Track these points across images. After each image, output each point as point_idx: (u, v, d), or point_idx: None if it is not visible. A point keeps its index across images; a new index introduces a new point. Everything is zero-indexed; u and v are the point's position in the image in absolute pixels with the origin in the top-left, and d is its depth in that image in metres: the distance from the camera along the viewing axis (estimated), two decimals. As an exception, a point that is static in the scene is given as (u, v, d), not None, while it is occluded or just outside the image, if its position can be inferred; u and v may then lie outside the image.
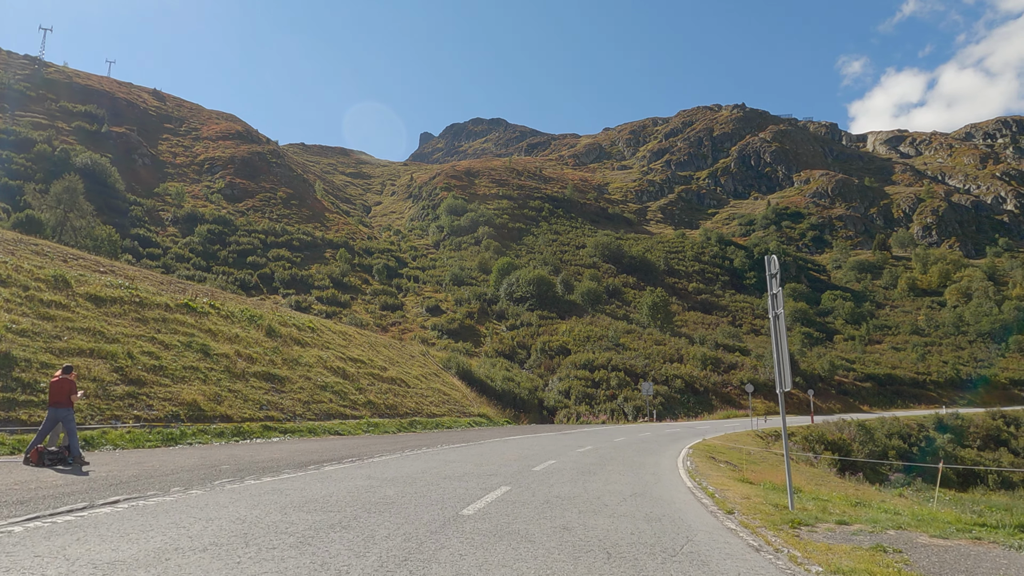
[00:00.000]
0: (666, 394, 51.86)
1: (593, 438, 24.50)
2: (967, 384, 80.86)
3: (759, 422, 38.67)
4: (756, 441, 29.76)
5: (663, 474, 12.96)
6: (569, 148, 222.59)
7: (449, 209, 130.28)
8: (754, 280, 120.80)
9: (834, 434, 35.63)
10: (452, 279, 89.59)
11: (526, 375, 55.19)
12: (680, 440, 26.34)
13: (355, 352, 30.40)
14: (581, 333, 66.79)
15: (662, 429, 33.85)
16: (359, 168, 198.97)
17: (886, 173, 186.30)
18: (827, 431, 35.69)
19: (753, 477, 13.58)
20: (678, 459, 17.60)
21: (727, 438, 29.27)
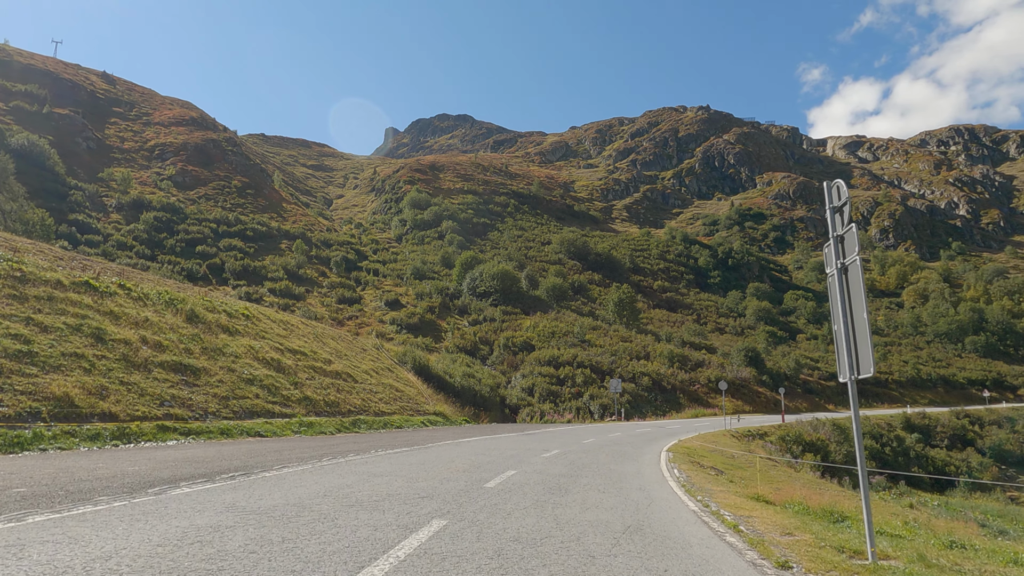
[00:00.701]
0: (633, 392, 49.39)
1: (560, 439, 21.64)
2: (927, 383, 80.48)
3: (732, 421, 36.35)
4: (734, 442, 27.28)
5: (651, 488, 10.14)
6: (535, 146, 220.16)
7: (412, 203, 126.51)
8: (718, 279, 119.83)
9: (811, 434, 33.42)
10: (413, 273, 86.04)
11: (488, 372, 52.18)
12: (654, 441, 23.64)
13: (296, 343, 26.99)
14: (546, 329, 64.05)
15: (632, 429, 31.21)
16: (321, 161, 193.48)
17: (845, 177, 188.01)
18: (803, 431, 33.48)
19: (772, 495, 10.77)
20: (660, 465, 14.81)
21: (702, 439, 26.70)
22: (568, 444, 19.50)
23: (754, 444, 30.82)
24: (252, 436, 16.19)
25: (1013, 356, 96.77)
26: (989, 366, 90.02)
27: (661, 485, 10.85)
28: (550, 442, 19.92)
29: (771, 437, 34.25)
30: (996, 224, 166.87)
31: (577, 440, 21.70)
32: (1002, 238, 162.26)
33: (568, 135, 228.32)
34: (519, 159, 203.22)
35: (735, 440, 28.37)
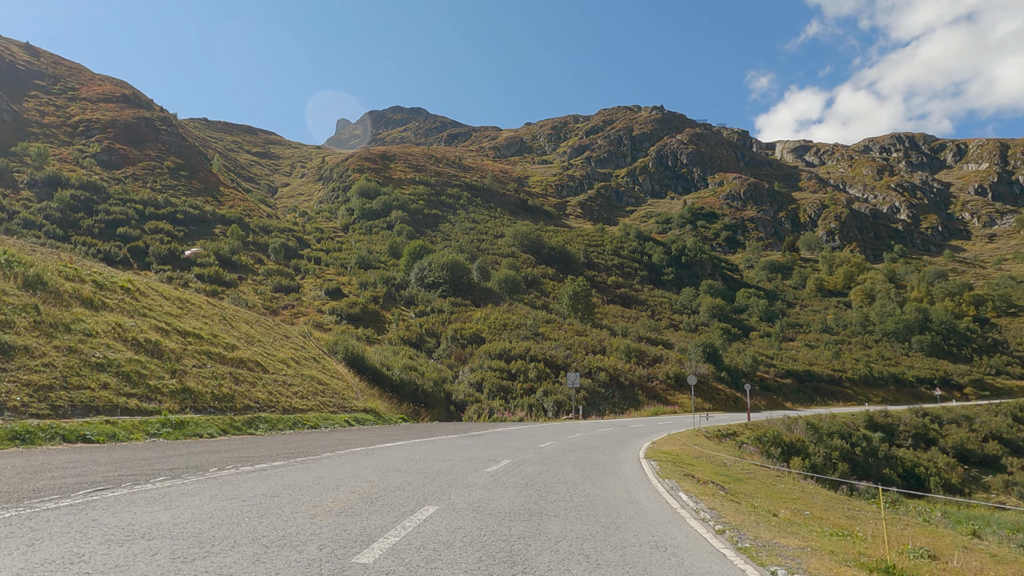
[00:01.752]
0: (590, 388, 45.38)
1: (511, 442, 17.24)
2: (879, 382, 79.20)
3: (700, 419, 32.60)
4: (713, 444, 23.42)
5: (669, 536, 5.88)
6: (490, 140, 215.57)
7: (361, 191, 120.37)
8: (672, 276, 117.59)
9: (788, 435, 29.91)
10: (358, 262, 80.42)
11: (433, 365, 47.44)
12: (624, 444, 19.47)
13: (191, 324, 21.84)
14: (497, 321, 59.62)
15: (592, 429, 27.10)
16: (267, 148, 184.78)
17: (793, 180, 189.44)
18: (779, 431, 29.92)
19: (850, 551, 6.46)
20: (652, 482, 10.55)
21: (677, 440, 22.70)
22: (521, 450, 15.09)
23: (727, 444, 27.06)
24: (73, 441, 11.21)
25: (957, 356, 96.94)
26: (936, 365, 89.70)
27: (679, 527, 6.53)
28: (499, 447, 15.47)
29: (741, 437, 30.64)
30: (935, 229, 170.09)
31: (532, 443, 17.32)
32: (940, 242, 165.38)
33: (523, 131, 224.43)
34: (473, 153, 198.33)
35: (712, 442, 24.48)
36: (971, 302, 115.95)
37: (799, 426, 33.59)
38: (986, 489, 42.10)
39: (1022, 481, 42.94)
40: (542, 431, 23.73)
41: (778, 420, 35.02)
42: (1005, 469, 46.79)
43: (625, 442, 20.70)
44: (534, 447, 16.31)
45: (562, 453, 14.98)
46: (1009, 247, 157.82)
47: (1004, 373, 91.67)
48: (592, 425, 30.22)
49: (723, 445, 26.35)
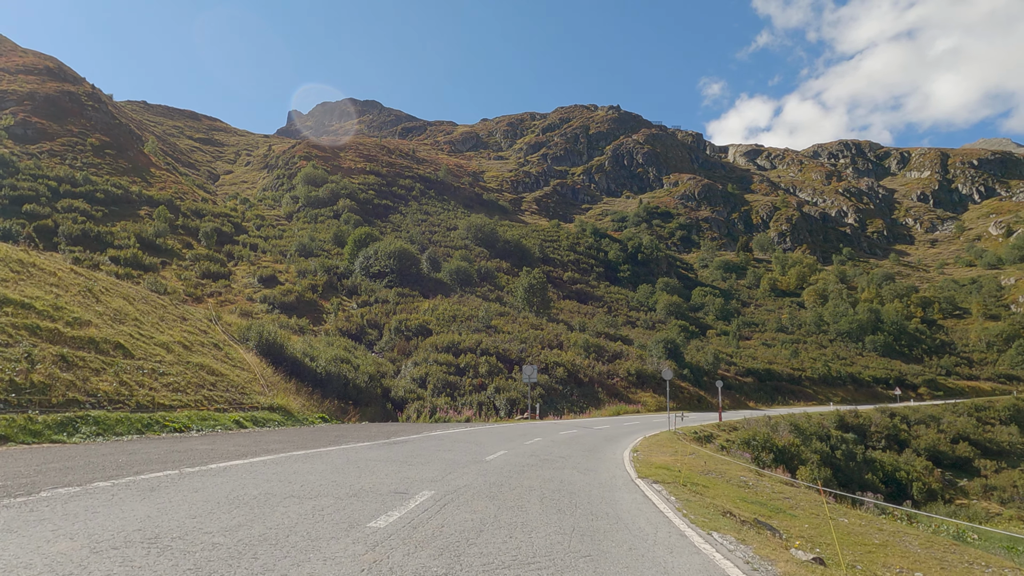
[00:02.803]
0: (547, 384, 40.58)
1: (446, 454, 12.18)
2: (837, 381, 76.88)
3: (675, 419, 28.08)
4: (704, 450, 18.82)
5: None
6: (445, 135, 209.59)
7: (307, 179, 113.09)
8: (628, 273, 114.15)
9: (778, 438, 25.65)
10: (299, 250, 73.91)
11: (373, 359, 41.92)
12: (598, 454, 14.59)
13: (25, 291, 16.04)
14: (446, 312, 54.33)
15: (553, 431, 22.27)
16: (211, 135, 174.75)
17: (746, 182, 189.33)
18: (767, 434, 25.61)
19: None
20: (695, 539, 5.69)
21: (659, 447, 17.99)
22: (458, 468, 10.01)
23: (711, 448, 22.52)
24: None
25: (908, 356, 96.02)
26: (890, 365, 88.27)
27: None
28: (424, 464, 10.33)
29: (720, 440, 26.28)
30: (880, 233, 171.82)
31: (477, 455, 12.28)
32: (886, 246, 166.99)
33: (479, 127, 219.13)
34: (428, 146, 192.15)
35: (700, 446, 19.86)
36: (918, 304, 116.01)
37: (782, 428, 29.46)
38: (965, 494, 39.02)
39: (1000, 485, 40.00)
40: (492, 435, 18.71)
41: (758, 420, 30.82)
42: (979, 472, 44.00)
43: (597, 450, 15.86)
44: (479, 461, 11.26)
45: (519, 472, 9.99)
46: (950, 252, 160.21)
47: (954, 374, 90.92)
48: (551, 427, 25.35)
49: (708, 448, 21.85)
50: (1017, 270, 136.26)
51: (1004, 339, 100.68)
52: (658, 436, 21.78)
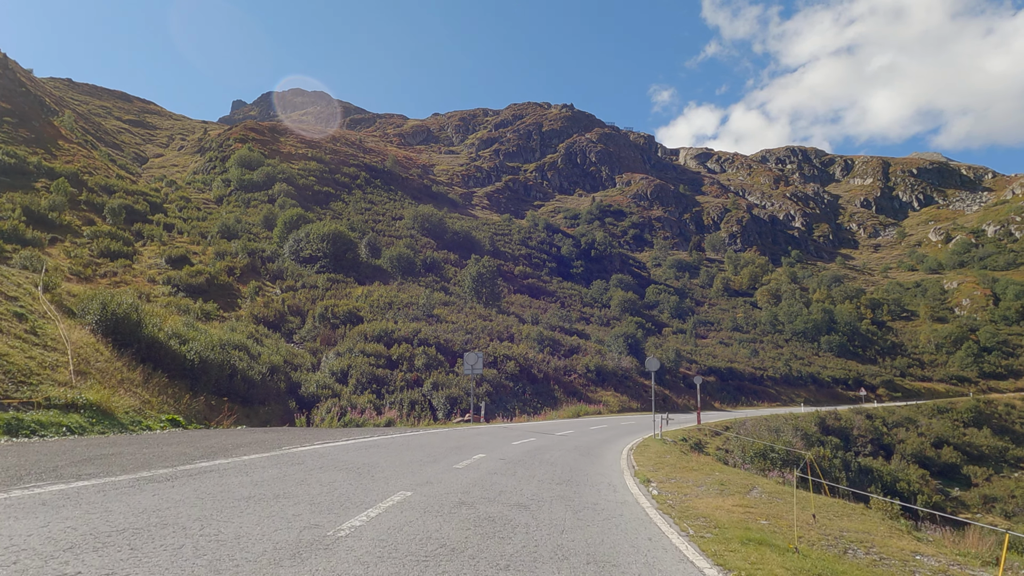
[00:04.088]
0: (495, 380, 33.90)
1: (247, 517, 5.44)
2: (799, 381, 72.71)
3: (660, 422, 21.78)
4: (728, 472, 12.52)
5: None
6: (395, 127, 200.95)
7: (241, 160, 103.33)
8: (581, 269, 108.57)
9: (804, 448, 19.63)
10: (221, 231, 65.22)
11: (288, 349, 34.46)
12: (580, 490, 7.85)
13: None
14: (382, 299, 47.05)
15: (503, 442, 15.67)
16: (143, 117, 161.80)
17: (697, 184, 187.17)
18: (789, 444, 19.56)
19: None
20: None
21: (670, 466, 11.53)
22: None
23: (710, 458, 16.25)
24: None
25: (862, 356, 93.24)
26: (847, 365, 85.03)
27: None
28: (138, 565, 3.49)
29: (711, 447, 20.17)
30: (826, 237, 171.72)
31: (322, 519, 5.52)
32: (832, 250, 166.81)
33: (431, 121, 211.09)
34: (376, 138, 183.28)
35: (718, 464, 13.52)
36: (868, 305, 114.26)
37: (786, 431, 23.59)
38: (965, 506, 34.21)
39: (998, 495, 35.33)
40: (403, 453, 11.88)
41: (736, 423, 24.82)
42: (969, 479, 39.48)
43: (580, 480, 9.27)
44: (307, 549, 4.46)
45: None
46: (892, 257, 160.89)
47: (908, 375, 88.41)
48: (500, 434, 18.68)
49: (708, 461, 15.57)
50: (957, 275, 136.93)
51: (952, 341, 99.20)
52: (649, 447, 15.38)
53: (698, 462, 12.85)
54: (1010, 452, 48.30)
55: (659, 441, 17.54)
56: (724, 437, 23.08)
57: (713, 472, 10.94)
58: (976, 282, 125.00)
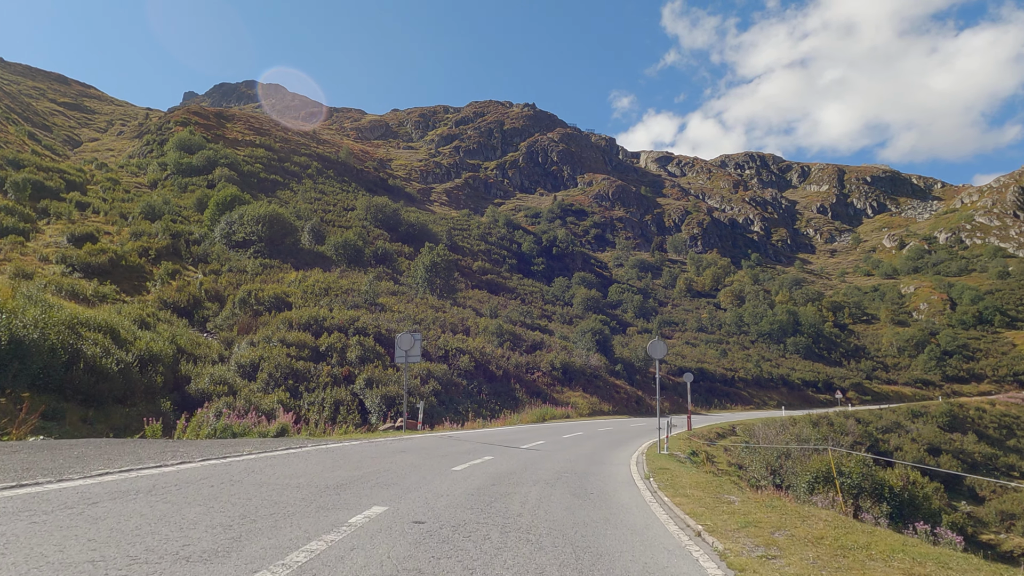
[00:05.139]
0: (445, 378, 27.86)
1: None
2: (769, 383, 68.56)
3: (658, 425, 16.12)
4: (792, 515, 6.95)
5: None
6: (352, 122, 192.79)
7: (180, 144, 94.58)
8: (542, 266, 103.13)
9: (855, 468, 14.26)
10: (145, 211, 57.43)
11: (192, 337, 27.78)
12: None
13: None
14: (318, 284, 40.45)
15: (439, 464, 9.79)
16: (80, 101, 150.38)
17: (658, 186, 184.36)
18: (865, 465, 14.19)
19: None
20: None
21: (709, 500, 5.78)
22: None
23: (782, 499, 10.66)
24: None
25: (828, 359, 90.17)
26: (815, 368, 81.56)
27: None
28: None
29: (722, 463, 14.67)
30: (784, 241, 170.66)
31: None
32: (790, 254, 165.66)
33: (390, 116, 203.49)
34: (332, 131, 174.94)
35: (820, 509, 7.85)
36: (829, 308, 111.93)
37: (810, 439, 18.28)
38: (983, 524, 29.75)
39: (1016, 512, 30.93)
40: (213, 505, 5.82)
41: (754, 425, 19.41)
42: (973, 490, 35.18)
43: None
44: None
45: None
46: (848, 262, 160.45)
47: (874, 378, 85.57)
48: (439, 447, 12.71)
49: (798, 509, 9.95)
50: (912, 280, 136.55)
51: (914, 344, 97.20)
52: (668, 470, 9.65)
53: (786, 506, 7.21)
54: (1000, 459, 44.50)
55: (669, 457, 11.97)
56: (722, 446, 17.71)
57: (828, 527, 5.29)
58: (933, 287, 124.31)
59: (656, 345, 14.28)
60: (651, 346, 14.24)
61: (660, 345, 14.30)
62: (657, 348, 14.35)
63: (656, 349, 14.37)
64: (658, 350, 14.34)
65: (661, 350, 14.34)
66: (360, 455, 10.06)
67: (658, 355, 14.25)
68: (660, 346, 14.32)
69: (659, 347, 14.35)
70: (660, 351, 14.34)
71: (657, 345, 14.30)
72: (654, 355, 14.29)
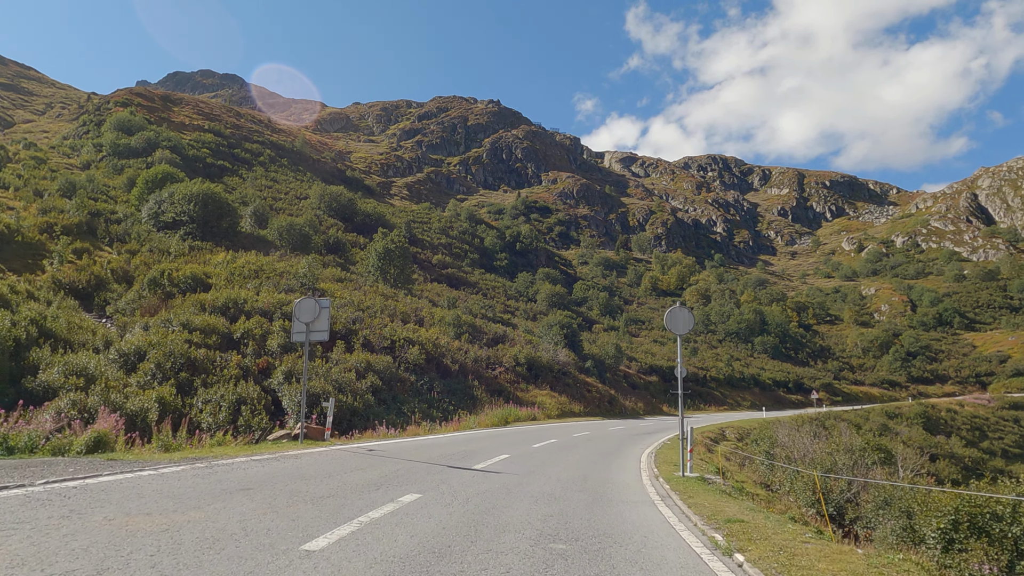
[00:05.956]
0: (387, 371, 22.91)
1: None
2: (741, 383, 65.25)
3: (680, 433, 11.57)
4: None
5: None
6: (312, 114, 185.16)
7: (119, 124, 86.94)
8: (505, 262, 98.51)
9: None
10: (64, 189, 50.78)
11: (76, 320, 22.24)
12: None
13: None
14: (248, 266, 34.89)
15: (317, 520, 5.11)
16: (16, 82, 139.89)
17: (622, 186, 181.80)
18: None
19: None
20: None
21: None
22: None
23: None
24: None
25: (795, 359, 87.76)
26: (783, 368, 78.84)
27: None
28: None
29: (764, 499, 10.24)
30: (746, 243, 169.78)
31: None
32: (752, 256, 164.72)
33: (351, 109, 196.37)
34: (291, 122, 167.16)
35: None
36: (794, 308, 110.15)
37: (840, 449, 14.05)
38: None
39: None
40: None
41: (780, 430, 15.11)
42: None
43: None
44: None
45: None
46: (809, 264, 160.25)
47: (842, 378, 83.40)
48: (331, 477, 7.90)
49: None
50: (871, 282, 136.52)
51: (879, 345, 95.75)
52: (752, 528, 5.06)
53: None
54: (989, 463, 41.60)
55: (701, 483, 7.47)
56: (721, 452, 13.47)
57: None
58: (893, 289, 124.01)
59: (676, 315, 9.51)
60: (670, 315, 9.55)
61: (683, 315, 9.54)
62: (678, 319, 9.59)
63: (677, 320, 9.61)
64: (680, 322, 9.59)
65: (685, 322, 9.62)
66: (120, 509, 5.14)
67: (681, 330, 9.60)
68: (683, 316, 9.56)
69: (681, 318, 9.58)
70: (684, 323, 9.61)
71: (677, 315, 9.53)
72: (675, 329, 9.63)
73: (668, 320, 9.86)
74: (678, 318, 9.75)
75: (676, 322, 9.74)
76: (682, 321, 9.73)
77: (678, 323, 9.75)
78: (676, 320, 9.73)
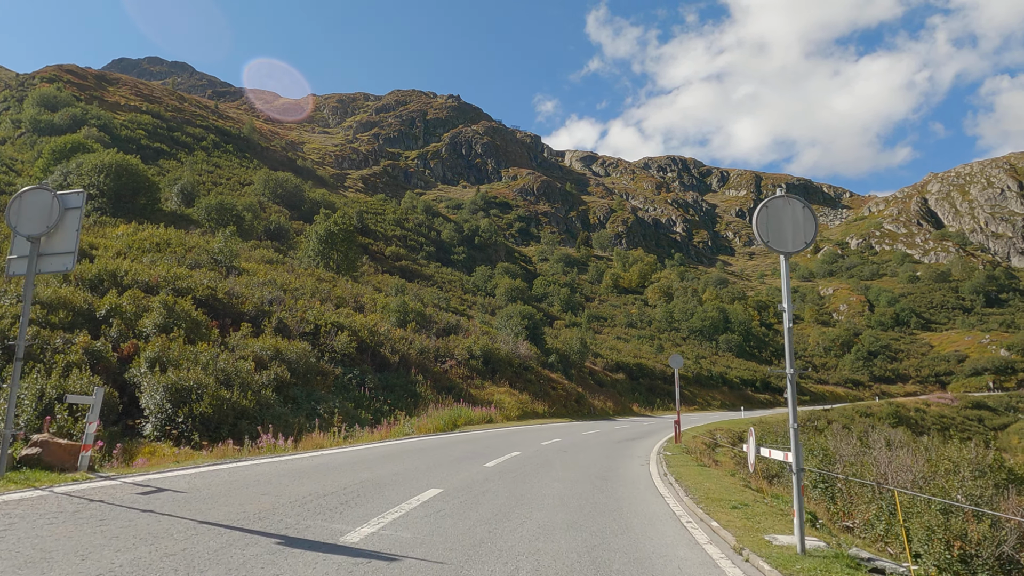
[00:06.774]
0: (302, 361, 17.76)
1: None
2: (710, 382, 61.74)
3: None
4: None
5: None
6: (265, 104, 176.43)
7: (41, 100, 78.67)
8: (463, 256, 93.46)
9: None
10: (-47, 158, 43.68)
11: None
12: None
13: None
14: (152, 240, 28.99)
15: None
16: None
17: (583, 185, 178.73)
18: None
19: None
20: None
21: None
22: None
23: None
24: None
25: (759, 357, 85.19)
26: (749, 366, 75.92)
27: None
28: None
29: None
30: (705, 243, 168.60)
31: None
32: (711, 256, 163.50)
33: (306, 101, 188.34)
34: (242, 112, 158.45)
35: None
36: (755, 307, 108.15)
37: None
38: None
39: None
40: None
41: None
42: None
43: None
44: None
45: None
46: (767, 264, 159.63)
47: (807, 377, 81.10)
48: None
49: None
50: (829, 282, 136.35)
51: (840, 344, 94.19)
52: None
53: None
54: (975, 465, 38.55)
55: None
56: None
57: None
58: (850, 289, 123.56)
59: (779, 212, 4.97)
60: (766, 214, 5.05)
61: (795, 213, 5.12)
62: (784, 221, 4.90)
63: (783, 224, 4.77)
64: (788, 227, 5.06)
65: (797, 226, 5.11)
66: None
67: (791, 242, 5.09)
68: (796, 215, 5.12)
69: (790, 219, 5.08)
70: (795, 229, 5.14)
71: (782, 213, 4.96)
72: (778, 242, 5.01)
73: (763, 222, 5.11)
74: (784, 219, 5.03)
75: (781, 227, 4.99)
76: (792, 225, 5.06)
77: (784, 228, 5.03)
78: (782, 223, 4.98)
